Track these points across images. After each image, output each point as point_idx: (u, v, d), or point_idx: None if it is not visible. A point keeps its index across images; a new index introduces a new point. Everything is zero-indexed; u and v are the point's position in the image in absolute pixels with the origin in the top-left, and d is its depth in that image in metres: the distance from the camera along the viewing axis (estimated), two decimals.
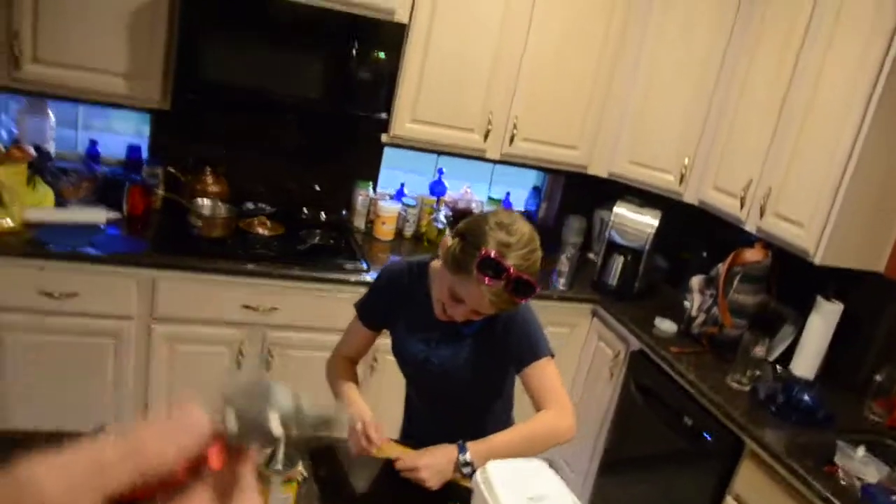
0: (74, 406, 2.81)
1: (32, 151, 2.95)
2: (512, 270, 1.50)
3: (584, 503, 3.32)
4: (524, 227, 1.58)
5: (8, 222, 2.65)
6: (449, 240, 1.61)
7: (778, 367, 2.87)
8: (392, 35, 2.95)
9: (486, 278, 1.50)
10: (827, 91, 2.65)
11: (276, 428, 0.53)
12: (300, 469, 1.61)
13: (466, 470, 1.63)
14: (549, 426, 1.73)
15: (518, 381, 1.86)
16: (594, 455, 3.30)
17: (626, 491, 3.07)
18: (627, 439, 3.10)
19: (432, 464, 1.62)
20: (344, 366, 1.95)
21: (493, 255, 1.50)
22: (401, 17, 2.98)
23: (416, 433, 1.92)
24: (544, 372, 1.75)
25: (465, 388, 1.85)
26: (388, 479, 1.69)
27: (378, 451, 1.69)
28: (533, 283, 1.55)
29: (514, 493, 1.20)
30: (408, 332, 1.84)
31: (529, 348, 1.76)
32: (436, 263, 1.79)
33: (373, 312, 1.90)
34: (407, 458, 1.66)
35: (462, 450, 1.64)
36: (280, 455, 1.59)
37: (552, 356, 1.78)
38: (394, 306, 1.86)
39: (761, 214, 2.86)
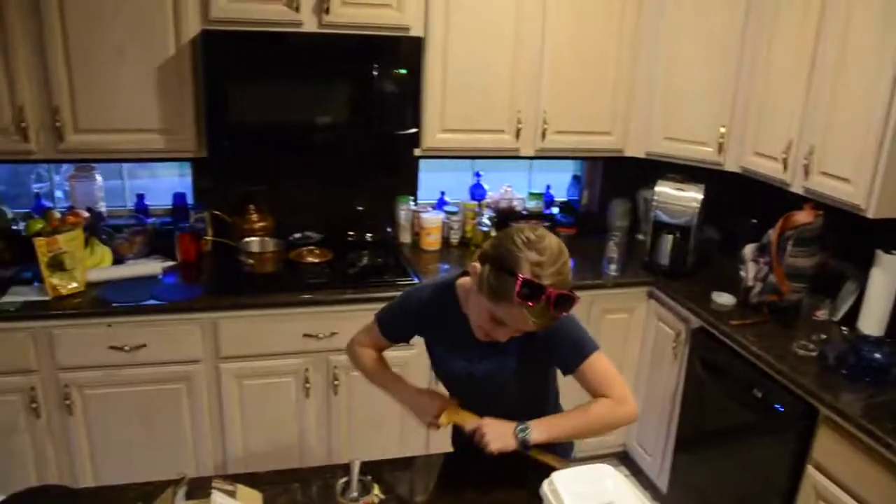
0: (156, 453, 2.93)
1: (86, 214, 3.08)
2: (551, 290, 1.50)
3: (664, 484, 3.31)
4: (552, 241, 1.57)
5: (73, 285, 2.77)
6: (478, 266, 1.60)
7: (844, 328, 2.81)
8: (410, 50, 2.98)
9: (527, 303, 1.50)
10: (856, 40, 2.57)
11: None
12: (376, 493, 1.66)
13: (523, 435, 1.69)
14: (605, 412, 1.75)
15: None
16: (668, 436, 3.28)
17: (704, 468, 3.04)
18: (699, 417, 3.07)
19: (493, 423, 1.72)
20: (371, 354, 2.03)
21: (529, 278, 1.49)
22: (416, 31, 3.01)
23: (466, 438, 1.91)
24: (596, 367, 1.77)
25: (512, 395, 1.87)
26: (458, 487, 1.75)
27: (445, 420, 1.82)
28: (572, 296, 1.55)
29: (583, 502, 1.22)
30: (447, 352, 1.88)
31: (576, 351, 1.77)
32: (464, 282, 1.81)
33: (395, 330, 1.98)
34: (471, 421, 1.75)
35: (523, 425, 1.72)
36: (354, 482, 1.64)
37: (598, 348, 1.79)
38: (424, 331, 1.93)
39: (806, 175, 2.79)
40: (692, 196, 3.24)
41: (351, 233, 3.42)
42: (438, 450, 2.10)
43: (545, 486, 1.27)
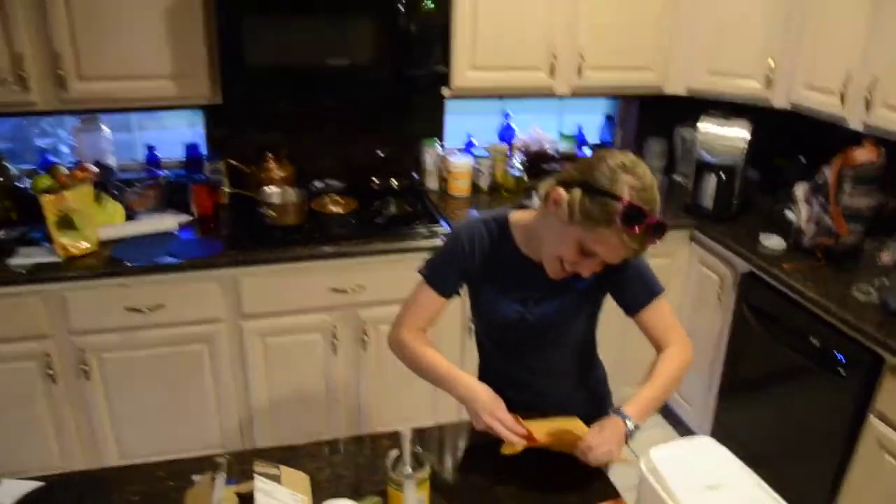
0: (179, 416, 2.83)
1: (94, 168, 2.90)
2: (651, 216, 1.40)
3: (706, 434, 3.19)
4: (644, 166, 1.45)
5: (84, 245, 2.61)
6: (562, 192, 1.46)
7: None
8: None
9: (632, 228, 1.38)
10: None
11: None
12: (430, 466, 1.52)
13: (633, 435, 1.55)
14: (681, 365, 1.67)
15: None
16: (711, 385, 3.15)
17: (750, 419, 2.92)
18: (746, 366, 2.93)
19: (605, 442, 1.51)
20: (423, 339, 1.76)
21: (634, 202, 1.38)
22: None
23: (498, 387, 1.72)
24: (662, 311, 1.69)
25: (565, 342, 1.75)
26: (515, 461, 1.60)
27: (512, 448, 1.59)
28: (667, 225, 1.44)
29: (689, 484, 1.07)
30: (499, 293, 1.71)
31: (646, 289, 1.68)
32: (520, 217, 1.68)
33: (447, 279, 1.73)
34: (574, 439, 1.55)
35: (625, 417, 1.54)
36: (407, 457, 1.50)
37: (664, 290, 1.70)
38: (475, 269, 1.71)
39: (867, 108, 2.59)
40: (738, 134, 3.04)
41: (375, 180, 3.24)
42: None
43: (643, 465, 1.13)
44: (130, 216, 2.89)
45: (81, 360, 2.63)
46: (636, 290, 1.67)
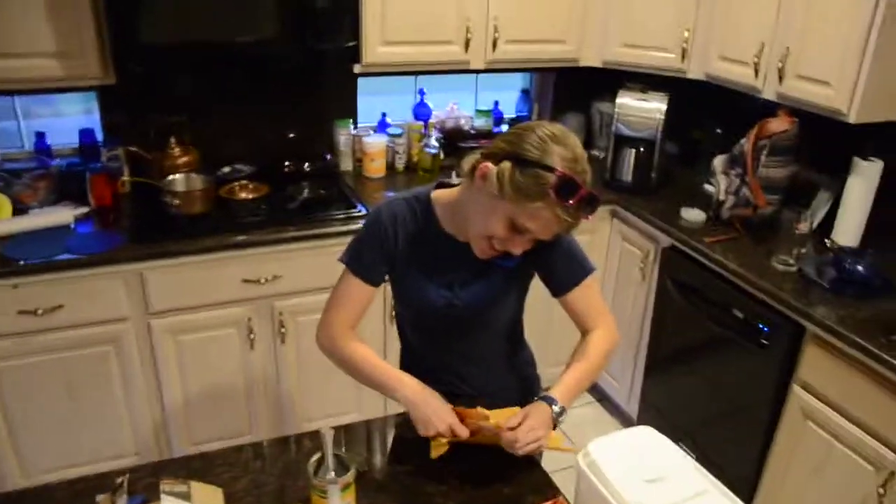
0: (88, 426, 2.63)
1: None
2: (583, 188, 1.33)
3: (634, 411, 3.21)
4: (575, 137, 1.39)
5: None
6: (491, 166, 1.38)
7: (827, 240, 2.67)
8: None
9: (567, 201, 1.31)
10: None
11: None
12: (355, 469, 1.43)
13: (561, 419, 1.50)
14: (607, 348, 1.64)
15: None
16: (637, 360, 3.16)
17: (676, 392, 2.94)
18: (671, 340, 2.94)
19: (531, 428, 1.45)
20: (354, 340, 1.65)
21: (568, 174, 1.31)
22: None
23: (420, 375, 1.65)
24: (590, 292, 1.64)
25: (495, 326, 1.68)
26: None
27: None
28: (599, 197, 1.38)
29: (630, 477, 1.01)
30: (425, 277, 1.61)
31: (576, 270, 1.62)
32: (441, 195, 1.59)
33: (372, 265, 1.61)
34: (499, 431, 1.47)
35: (552, 401, 1.49)
36: (329, 460, 1.40)
37: (595, 269, 1.65)
38: (399, 253, 1.60)
39: (780, 79, 2.60)
40: (655, 107, 3.02)
41: (287, 163, 3.08)
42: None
43: (580, 460, 1.07)
44: (20, 210, 2.66)
45: None
46: (566, 270, 1.61)
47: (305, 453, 1.54)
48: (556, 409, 1.49)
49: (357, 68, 2.87)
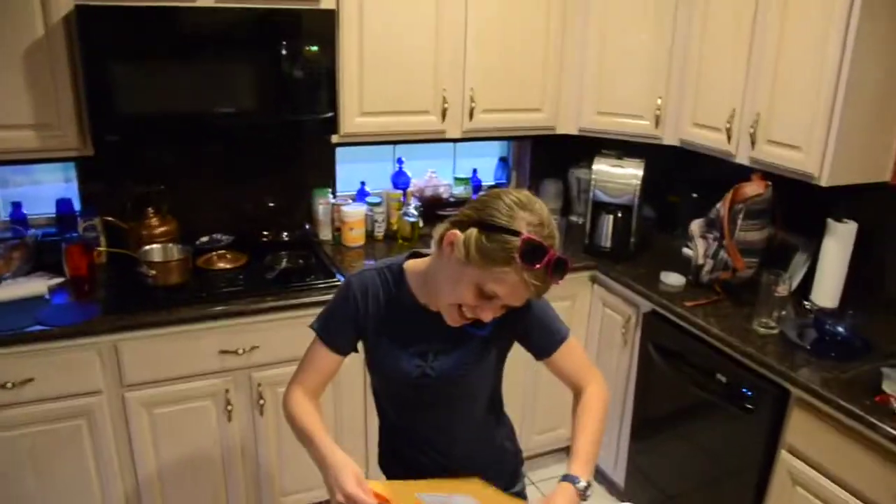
0: (60, 501, 2.52)
1: None
2: (552, 252, 1.34)
3: (621, 478, 3.15)
4: (540, 203, 1.40)
5: None
6: (458, 234, 1.39)
7: (806, 301, 2.70)
8: (322, 25, 2.66)
9: (533, 265, 1.32)
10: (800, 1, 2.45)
11: None
12: None
13: (588, 493, 1.50)
14: (603, 405, 1.65)
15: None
16: (622, 427, 3.12)
17: (664, 459, 2.89)
18: (656, 405, 2.91)
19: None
20: (303, 400, 1.60)
21: (534, 238, 1.32)
22: (327, 3, 2.69)
23: (399, 450, 1.68)
24: (573, 351, 1.66)
25: (468, 391, 1.65)
26: None
27: None
28: (568, 261, 1.38)
29: None
30: (397, 347, 1.59)
31: (553, 334, 1.64)
32: (413, 265, 1.59)
33: (340, 334, 1.61)
34: None
35: (574, 480, 1.48)
36: None
37: (569, 330, 1.67)
38: (369, 323, 1.59)
39: (752, 144, 2.66)
40: (632, 173, 3.06)
41: (266, 232, 3.07)
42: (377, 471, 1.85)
43: None
44: None
45: None
46: (543, 335, 1.62)
47: None
48: (580, 486, 1.47)
49: (335, 138, 2.90)
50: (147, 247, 2.75)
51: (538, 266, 1.32)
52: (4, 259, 2.69)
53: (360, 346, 1.66)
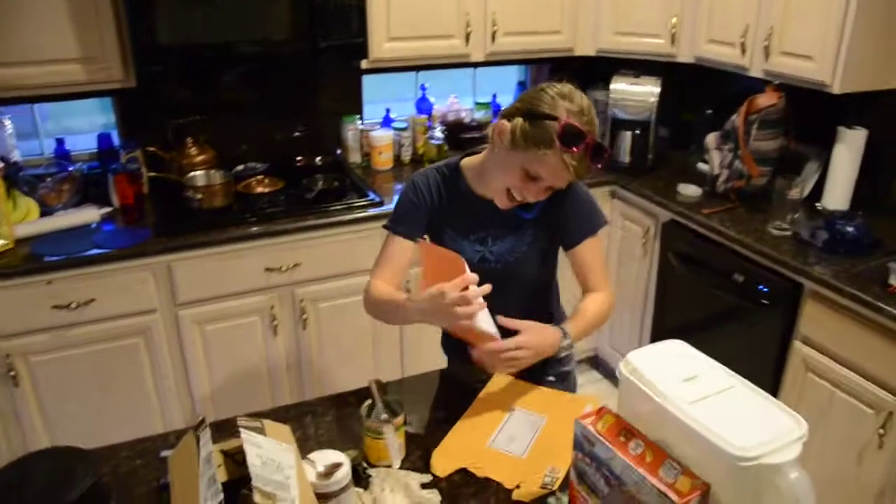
0: (120, 416, 2.71)
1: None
2: (590, 137, 1.49)
3: None
4: (582, 94, 1.54)
5: (1, 243, 2.48)
6: (506, 123, 1.55)
7: (818, 204, 2.84)
8: None
9: (571, 147, 1.47)
10: None
11: None
12: (403, 412, 1.54)
13: (564, 353, 1.65)
14: (606, 308, 1.74)
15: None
16: (642, 334, 3.29)
17: None
18: (675, 310, 3.08)
19: (535, 345, 1.57)
20: (382, 285, 1.74)
21: (572, 122, 1.47)
22: None
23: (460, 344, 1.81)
24: (597, 247, 1.76)
25: (523, 276, 1.78)
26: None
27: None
28: (606, 147, 1.53)
29: (667, 378, 1.14)
30: (458, 235, 1.76)
31: (586, 223, 1.74)
32: (470, 161, 1.75)
33: (412, 225, 1.75)
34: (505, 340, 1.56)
35: (565, 334, 1.63)
36: (380, 404, 1.52)
37: (607, 224, 1.80)
38: (435, 213, 1.76)
39: (766, 56, 2.76)
40: (649, 90, 3.18)
41: (299, 158, 3.20)
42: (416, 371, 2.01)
43: (622, 368, 1.19)
44: (46, 212, 2.76)
45: (8, 365, 2.49)
46: (580, 221, 1.73)
47: (349, 410, 1.68)
48: (565, 341, 1.62)
49: (364, 64, 3.00)
50: (191, 173, 2.88)
51: (576, 149, 1.47)
52: (55, 192, 2.83)
53: None
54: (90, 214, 2.76)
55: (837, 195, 2.79)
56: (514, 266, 1.75)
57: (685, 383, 1.14)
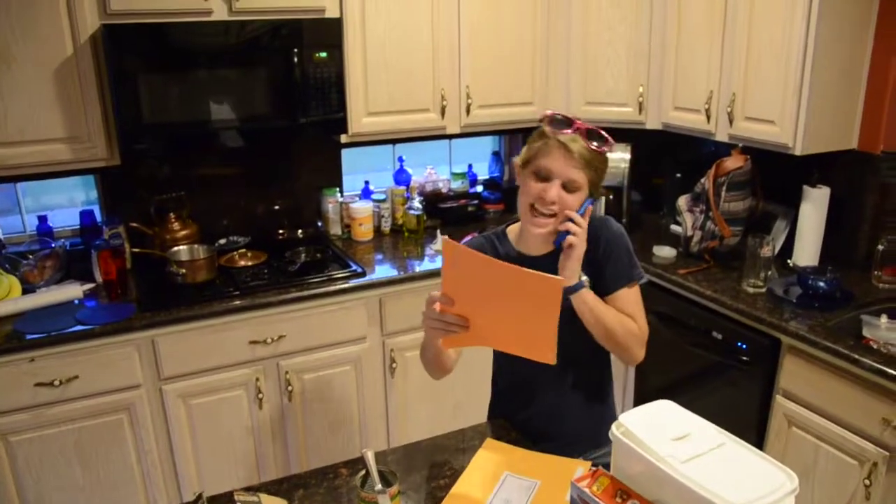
0: (102, 495, 2.67)
1: None
2: (579, 122, 1.66)
3: None
4: None
5: None
6: (518, 159, 1.75)
7: (789, 260, 2.94)
8: (329, 32, 2.85)
9: (562, 129, 1.63)
10: None
11: None
12: (398, 482, 1.55)
13: (582, 284, 1.71)
14: (632, 328, 1.80)
15: None
16: (625, 393, 3.32)
17: None
18: (657, 370, 3.11)
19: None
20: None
21: (557, 112, 1.67)
22: (332, 12, 2.89)
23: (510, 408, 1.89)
24: (633, 297, 1.83)
25: (574, 337, 1.75)
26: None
27: None
28: (601, 131, 1.68)
29: (661, 438, 1.17)
30: None
31: (627, 268, 1.82)
32: (514, 226, 1.86)
33: None
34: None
35: (580, 285, 1.71)
36: (374, 473, 1.53)
37: (640, 280, 1.85)
38: None
39: (731, 122, 2.89)
40: (620, 157, 3.29)
41: (281, 231, 3.25)
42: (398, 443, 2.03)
43: (615, 430, 1.22)
44: (28, 290, 2.76)
45: None
46: (620, 268, 1.81)
47: (342, 481, 1.67)
48: (583, 278, 1.71)
49: (344, 138, 3.08)
50: (174, 248, 2.91)
51: (568, 131, 1.61)
52: (38, 269, 2.83)
53: None
54: (73, 291, 2.76)
55: (807, 251, 2.89)
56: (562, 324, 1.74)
57: (677, 442, 1.18)
